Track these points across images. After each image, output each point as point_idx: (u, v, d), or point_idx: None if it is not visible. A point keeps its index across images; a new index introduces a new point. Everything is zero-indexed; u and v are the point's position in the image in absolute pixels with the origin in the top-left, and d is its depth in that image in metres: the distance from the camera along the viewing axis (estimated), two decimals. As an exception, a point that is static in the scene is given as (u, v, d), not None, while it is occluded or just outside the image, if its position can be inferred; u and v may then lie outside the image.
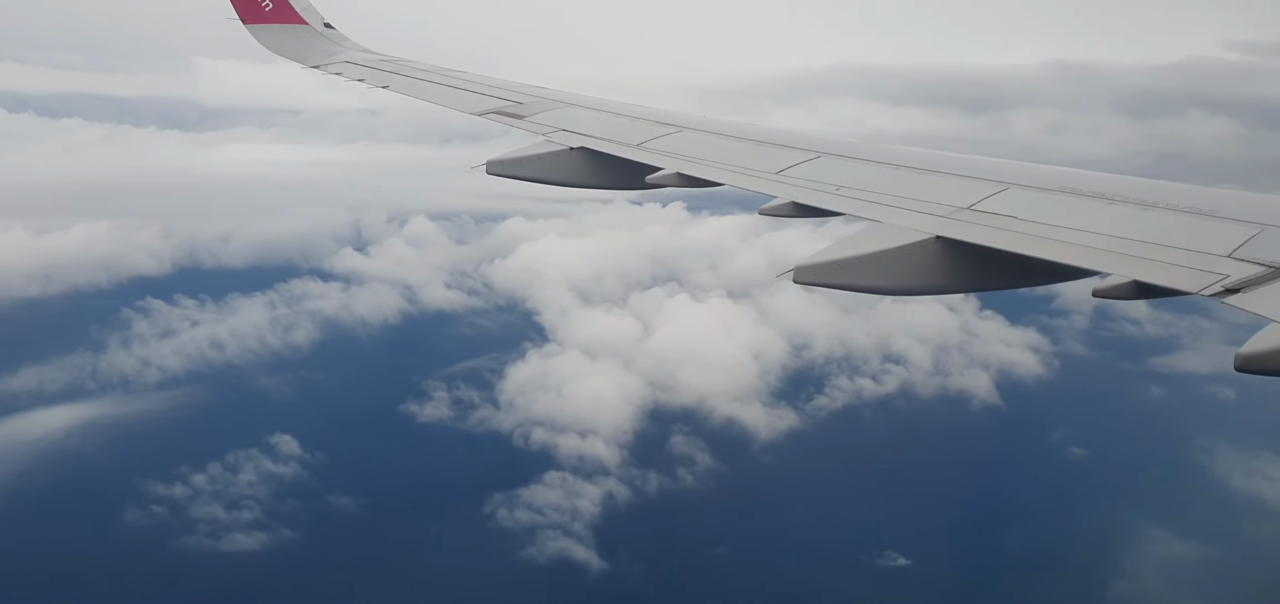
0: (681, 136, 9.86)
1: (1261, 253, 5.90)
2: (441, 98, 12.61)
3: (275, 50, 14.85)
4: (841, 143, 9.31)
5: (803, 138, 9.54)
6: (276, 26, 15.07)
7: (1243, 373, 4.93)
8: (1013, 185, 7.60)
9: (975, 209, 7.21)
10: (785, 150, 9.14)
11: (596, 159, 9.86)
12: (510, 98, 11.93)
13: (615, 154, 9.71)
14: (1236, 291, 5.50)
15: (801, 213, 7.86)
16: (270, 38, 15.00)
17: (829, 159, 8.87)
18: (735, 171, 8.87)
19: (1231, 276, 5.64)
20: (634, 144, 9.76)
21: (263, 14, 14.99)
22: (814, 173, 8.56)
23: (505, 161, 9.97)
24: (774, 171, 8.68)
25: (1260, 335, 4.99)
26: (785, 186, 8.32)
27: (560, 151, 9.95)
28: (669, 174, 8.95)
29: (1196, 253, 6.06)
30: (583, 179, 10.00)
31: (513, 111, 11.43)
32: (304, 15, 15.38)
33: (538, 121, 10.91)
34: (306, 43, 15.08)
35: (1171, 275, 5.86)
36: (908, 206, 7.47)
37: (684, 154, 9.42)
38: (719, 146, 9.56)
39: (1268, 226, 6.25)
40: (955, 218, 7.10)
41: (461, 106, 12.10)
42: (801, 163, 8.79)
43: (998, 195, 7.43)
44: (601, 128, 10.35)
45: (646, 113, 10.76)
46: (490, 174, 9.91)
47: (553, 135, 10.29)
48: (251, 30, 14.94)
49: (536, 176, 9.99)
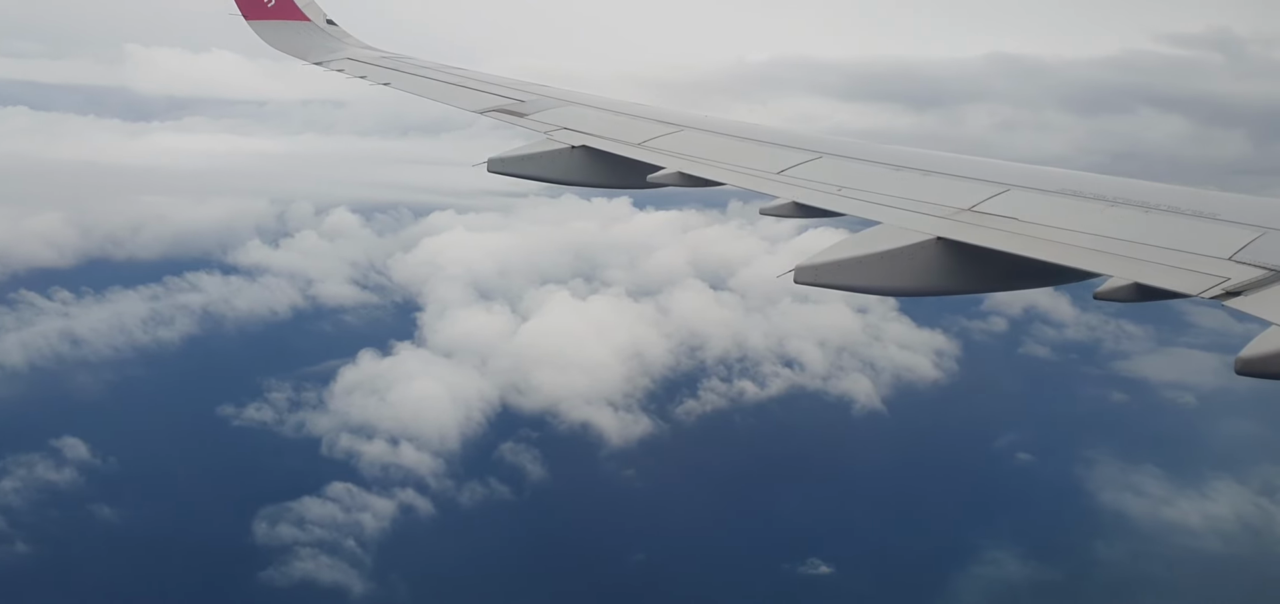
0: (683, 136, 9.86)
1: (1262, 256, 5.90)
2: (443, 95, 12.60)
3: (278, 46, 14.83)
4: (843, 143, 9.31)
5: (804, 138, 9.54)
6: (279, 23, 15.06)
7: (1243, 376, 4.94)
8: (1014, 187, 7.59)
9: (976, 210, 7.22)
10: (787, 150, 9.14)
11: (598, 158, 9.85)
12: (512, 95, 11.93)
13: (617, 153, 9.71)
14: (1237, 295, 5.50)
15: (803, 213, 7.86)
16: (272, 34, 14.98)
17: (830, 159, 8.87)
18: (737, 171, 8.87)
19: (1232, 279, 5.65)
20: (635, 143, 9.76)
21: (265, 10, 14.97)
22: (815, 173, 8.56)
23: (506, 159, 9.97)
24: (775, 171, 8.68)
25: (1260, 338, 4.99)
26: (787, 186, 8.32)
27: (562, 150, 9.94)
28: (670, 173, 8.95)
29: (1198, 255, 6.06)
30: (584, 178, 9.99)
31: (514, 109, 11.43)
32: (306, 11, 15.36)
33: (539, 120, 10.91)
34: (308, 39, 15.07)
35: (1173, 278, 5.86)
36: (909, 207, 7.48)
37: (686, 153, 9.42)
38: (721, 146, 9.56)
39: (1269, 230, 6.25)
40: (956, 219, 7.11)
41: (463, 104, 12.09)
42: (803, 163, 8.78)
43: (999, 197, 7.43)
44: (603, 126, 10.34)
45: (648, 111, 10.75)
46: (491, 172, 9.90)
47: (554, 133, 10.28)
48: (254, 26, 14.92)
49: (538, 175, 9.98)
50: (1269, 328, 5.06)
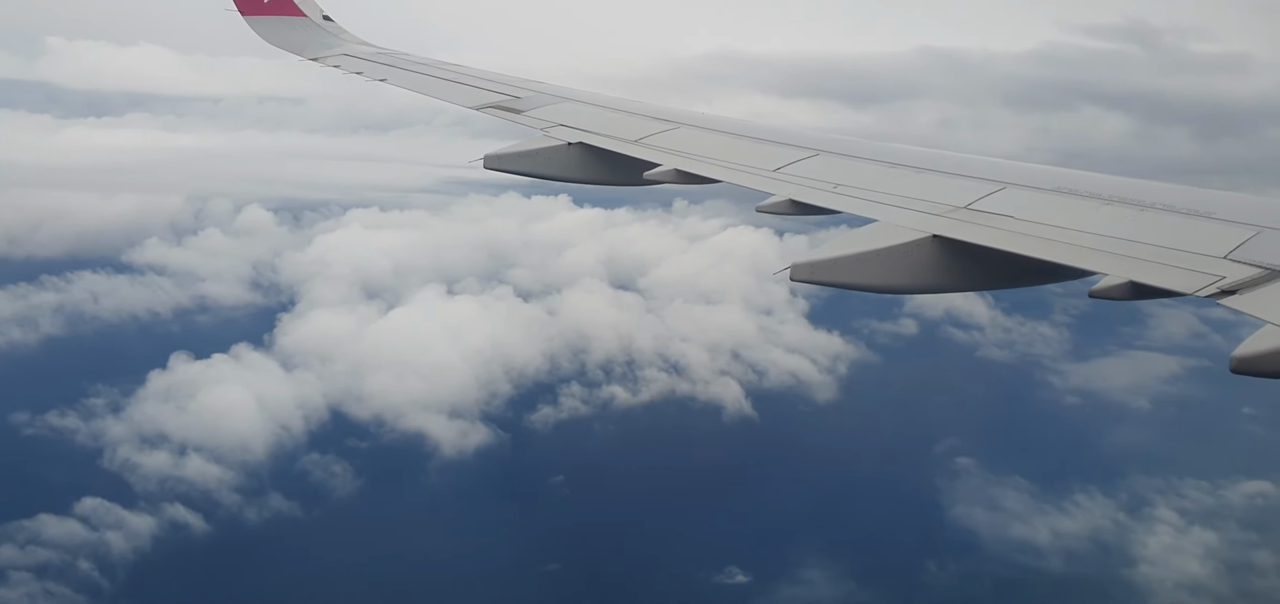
0: (680, 133, 9.86)
1: (1258, 255, 5.91)
2: (438, 91, 12.58)
3: (274, 42, 14.77)
4: (839, 141, 9.32)
5: (801, 135, 9.55)
6: (275, 18, 15.01)
7: (1238, 374, 4.94)
8: (1010, 185, 7.61)
9: (972, 208, 7.23)
10: (783, 148, 9.15)
11: (594, 154, 9.85)
12: (508, 91, 11.91)
13: (613, 150, 9.70)
14: (1233, 293, 5.51)
15: (799, 210, 7.87)
16: (268, 30, 14.92)
17: (827, 157, 8.88)
18: (733, 168, 8.87)
19: (1228, 278, 5.65)
20: (632, 140, 9.76)
21: (262, 6, 14.92)
22: (812, 170, 8.56)
23: (503, 156, 9.96)
24: (772, 169, 8.68)
25: (1255, 337, 5.00)
26: (783, 184, 8.32)
27: (558, 147, 9.94)
28: (667, 170, 8.95)
29: (1193, 254, 6.07)
30: (580, 174, 9.98)
31: (510, 105, 11.41)
32: (303, 7, 15.31)
33: (535, 116, 10.90)
34: (305, 35, 15.02)
35: (1168, 276, 5.87)
36: (905, 205, 7.48)
37: (682, 150, 9.42)
38: (717, 143, 9.56)
39: (1264, 229, 6.26)
40: (952, 217, 7.12)
41: (458, 100, 12.07)
42: (799, 160, 8.79)
43: (995, 195, 7.44)
44: (600, 123, 10.33)
45: (645, 109, 10.75)
46: (488, 168, 9.89)
47: (550, 130, 10.28)
48: (250, 22, 14.86)
49: (534, 172, 9.97)
50: (1264, 326, 5.06)
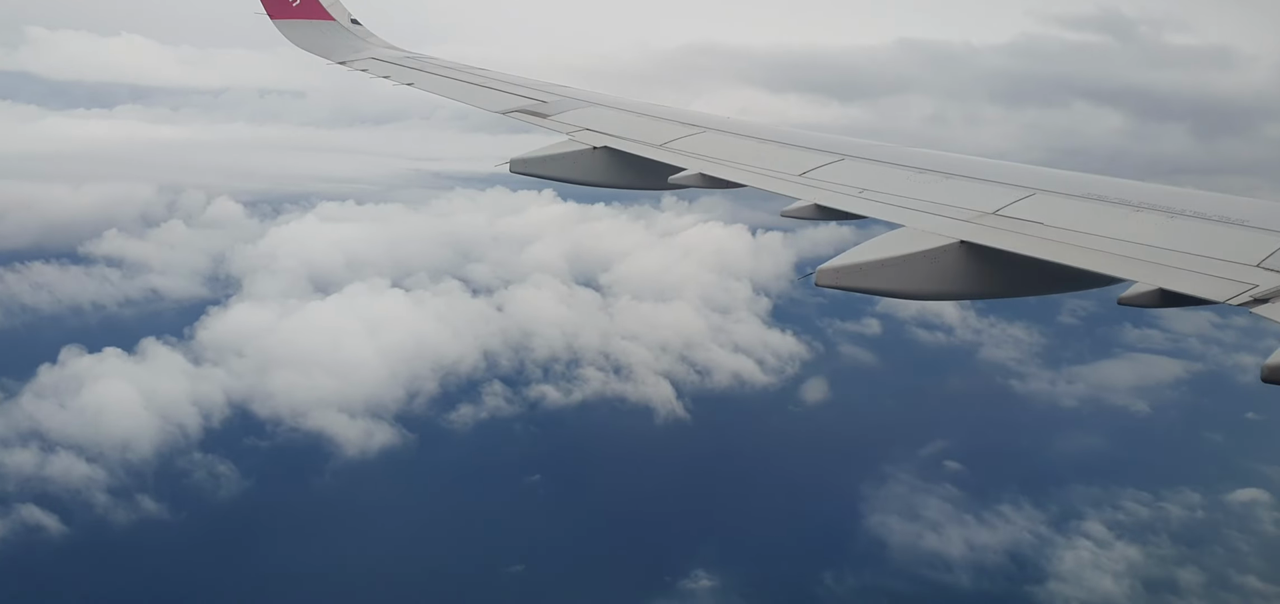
0: (705, 137, 9.88)
1: None
2: (465, 95, 12.65)
3: (302, 46, 14.90)
4: (865, 145, 9.31)
5: (826, 139, 9.55)
6: (303, 22, 15.14)
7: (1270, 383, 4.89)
8: (1038, 191, 7.56)
9: (1001, 214, 7.19)
10: (809, 152, 9.15)
11: (620, 159, 9.89)
12: (534, 96, 11.97)
13: (639, 154, 9.74)
14: (1265, 302, 5.45)
15: (825, 215, 7.86)
16: (297, 33, 15.06)
17: (852, 161, 8.86)
18: (758, 173, 8.87)
19: (1260, 286, 5.59)
20: (657, 144, 9.79)
21: (290, 10, 15.06)
22: (837, 175, 8.55)
23: (529, 160, 10.02)
24: (797, 173, 8.68)
25: None
26: (809, 189, 8.32)
27: (583, 151, 9.99)
28: (692, 175, 8.98)
29: (1224, 262, 6.01)
30: (606, 179, 10.04)
31: (536, 110, 11.47)
32: (331, 11, 15.44)
33: (561, 121, 10.95)
34: (333, 39, 15.15)
35: (1199, 284, 5.81)
36: (932, 210, 7.45)
37: (707, 155, 9.44)
38: (742, 148, 9.58)
39: None
40: (980, 222, 7.08)
41: (485, 104, 12.14)
42: (825, 165, 8.78)
43: (1023, 201, 7.39)
44: (625, 127, 10.37)
45: (670, 113, 10.78)
46: (514, 172, 9.95)
47: (576, 135, 10.33)
48: (279, 26, 15.00)
49: (560, 175, 10.03)
50: None
